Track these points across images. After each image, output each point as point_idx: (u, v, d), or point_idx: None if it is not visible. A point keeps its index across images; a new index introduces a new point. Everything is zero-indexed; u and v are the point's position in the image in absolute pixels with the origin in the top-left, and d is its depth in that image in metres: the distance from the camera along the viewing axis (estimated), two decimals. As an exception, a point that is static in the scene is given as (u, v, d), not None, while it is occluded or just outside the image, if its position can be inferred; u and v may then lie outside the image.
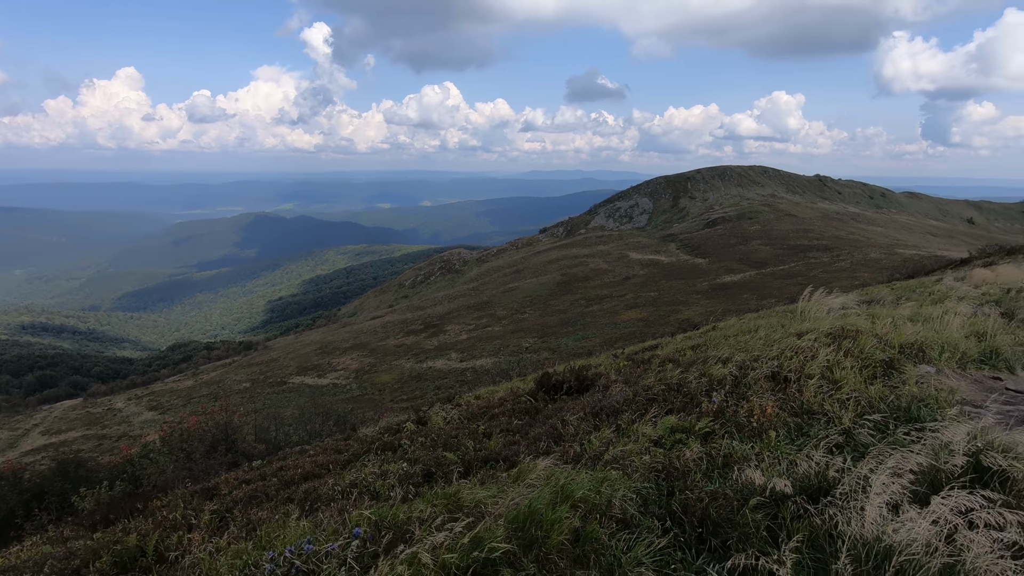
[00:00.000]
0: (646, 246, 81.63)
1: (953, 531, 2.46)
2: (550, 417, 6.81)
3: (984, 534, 2.35)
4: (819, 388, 4.93)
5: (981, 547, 2.30)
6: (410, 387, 40.12)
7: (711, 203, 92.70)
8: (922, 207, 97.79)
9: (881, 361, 5.43)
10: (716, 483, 3.83)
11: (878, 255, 58.15)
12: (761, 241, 72.77)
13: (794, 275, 51.60)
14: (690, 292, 54.48)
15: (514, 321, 54.95)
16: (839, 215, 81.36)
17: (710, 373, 5.85)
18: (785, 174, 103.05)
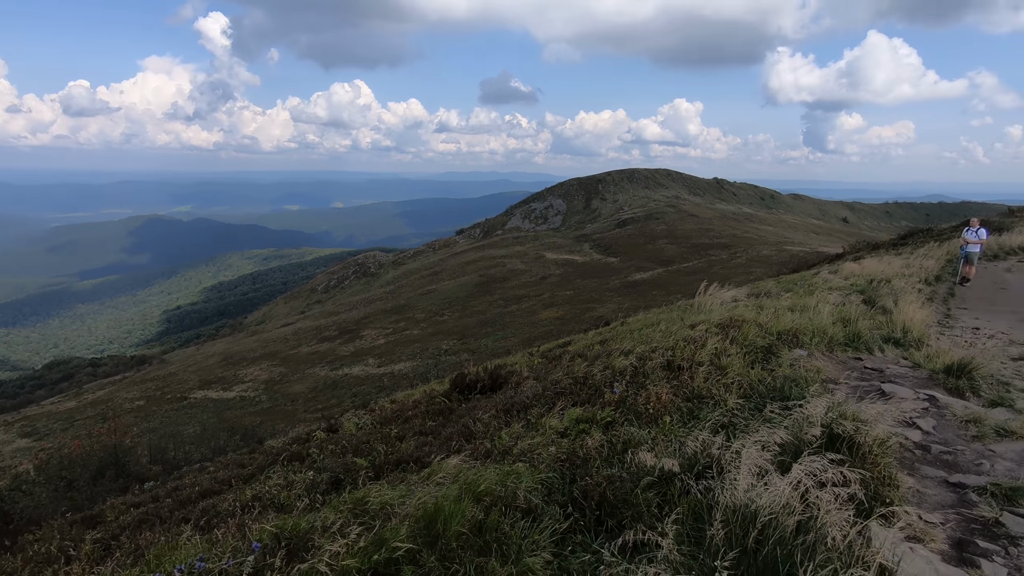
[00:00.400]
0: (561, 246, 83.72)
1: (806, 491, 2.77)
2: (463, 416, 6.86)
3: (830, 491, 2.69)
4: (708, 374, 5.33)
5: (828, 503, 2.63)
6: (325, 396, 38.61)
7: (621, 204, 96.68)
8: (805, 207, 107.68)
9: (762, 347, 5.96)
10: (615, 468, 4.06)
11: (769, 252, 63.02)
12: (667, 240, 76.75)
13: (697, 272, 54.94)
14: (604, 290, 56.51)
15: (433, 324, 54.44)
16: (735, 215, 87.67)
17: (613, 365, 6.15)
18: (687, 177, 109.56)
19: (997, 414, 4.71)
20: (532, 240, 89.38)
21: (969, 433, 4.29)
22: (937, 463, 3.88)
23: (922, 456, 3.98)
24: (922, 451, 4.04)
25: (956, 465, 3.84)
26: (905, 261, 15.65)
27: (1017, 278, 15.59)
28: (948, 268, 15.97)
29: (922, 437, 4.23)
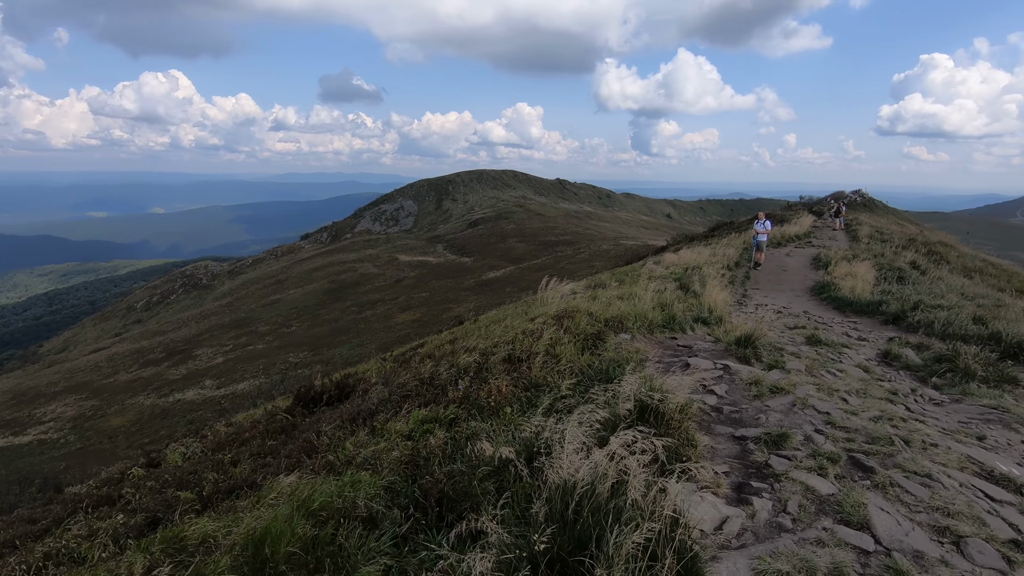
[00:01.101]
0: (414, 248, 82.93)
1: (619, 461, 3.09)
2: (306, 431, 6.50)
3: (637, 458, 3.03)
4: (544, 363, 5.67)
5: (635, 469, 2.95)
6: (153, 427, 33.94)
7: (472, 205, 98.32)
8: (636, 205, 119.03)
9: (591, 334, 6.48)
10: (457, 463, 4.14)
11: (608, 246, 68.32)
12: (517, 239, 79.68)
13: (546, 267, 57.82)
14: (459, 290, 57.04)
15: (280, 336, 50.65)
16: (577, 214, 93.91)
17: (458, 363, 6.26)
18: (532, 178, 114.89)
19: (773, 375, 5.66)
20: (384, 243, 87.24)
21: (751, 393, 5.11)
22: (728, 421, 4.57)
23: (717, 417, 4.65)
24: (716, 412, 4.72)
25: (741, 421, 4.55)
26: (712, 250, 18.02)
27: (795, 261, 18.77)
28: (745, 255, 18.73)
29: (717, 401, 4.94)
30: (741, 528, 3.03)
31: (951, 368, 6.56)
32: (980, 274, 19.38)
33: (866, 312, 11.61)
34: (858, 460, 3.75)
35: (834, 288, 13.17)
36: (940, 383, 6.34)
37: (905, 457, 3.79)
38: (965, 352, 6.77)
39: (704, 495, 3.27)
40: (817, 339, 8.17)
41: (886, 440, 4.07)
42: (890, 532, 2.94)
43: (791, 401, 4.87)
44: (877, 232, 23.66)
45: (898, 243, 20.20)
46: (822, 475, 3.53)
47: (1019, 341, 7.86)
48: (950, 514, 3.16)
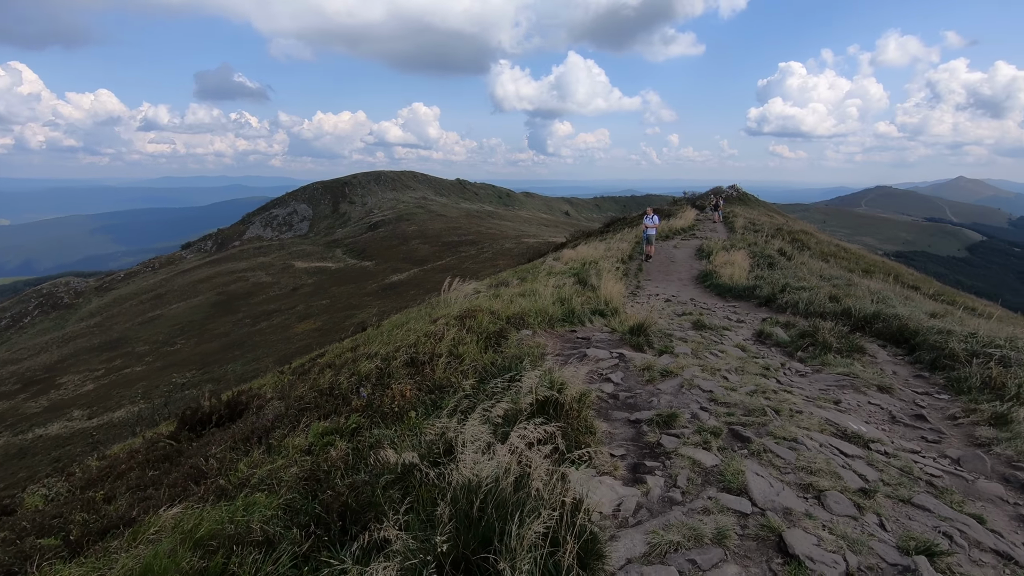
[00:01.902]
0: (311, 254, 79.36)
1: (521, 453, 3.16)
2: (193, 456, 5.99)
3: (537, 449, 3.11)
4: (448, 364, 5.65)
5: (536, 460, 3.03)
6: (8, 470, 29.64)
7: (370, 207, 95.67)
8: (535, 204, 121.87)
9: (494, 332, 6.55)
10: (361, 473, 4.02)
11: (511, 245, 69.29)
12: (420, 240, 78.66)
13: (451, 268, 57.60)
14: (362, 295, 55.27)
15: (162, 356, 46.26)
16: (479, 213, 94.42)
17: (360, 371, 6.07)
18: (432, 178, 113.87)
19: (663, 360, 6.05)
20: (278, 249, 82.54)
21: (644, 378, 5.43)
22: (624, 406, 4.82)
23: (614, 403, 4.89)
24: (613, 399, 4.96)
25: (636, 405, 4.82)
26: (607, 245, 18.88)
27: (681, 253, 20.15)
28: (637, 248, 19.82)
29: (614, 388, 5.20)
30: (637, 506, 3.21)
31: (812, 342, 7.37)
32: (834, 258, 21.95)
33: (743, 296, 12.73)
34: (737, 432, 4.11)
35: (715, 276, 14.30)
36: (804, 356, 7.11)
37: (776, 425, 4.22)
38: (823, 328, 7.64)
39: (603, 479, 3.43)
40: (702, 324, 8.83)
41: (760, 411, 4.50)
42: (764, 494, 3.25)
43: (679, 383, 5.23)
44: (750, 223, 26.02)
45: (768, 233, 22.34)
46: (706, 449, 3.83)
47: (865, 315, 9.00)
48: (812, 472, 3.55)
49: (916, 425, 4.99)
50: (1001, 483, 3.93)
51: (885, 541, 2.94)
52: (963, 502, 3.58)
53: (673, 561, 2.69)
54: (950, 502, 3.52)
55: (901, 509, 3.35)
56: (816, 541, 2.84)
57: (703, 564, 2.67)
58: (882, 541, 2.93)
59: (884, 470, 3.81)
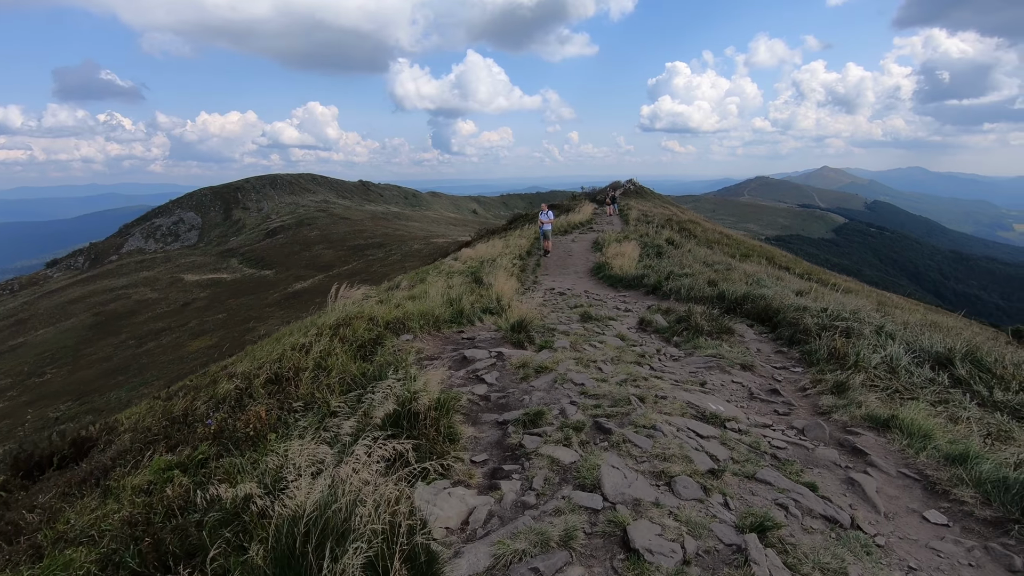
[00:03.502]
0: (203, 265, 73.91)
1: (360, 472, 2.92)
2: (13, 509, 5.16)
3: (375, 467, 2.89)
4: (313, 378, 5.27)
5: (376, 479, 2.81)
6: None
7: (267, 212, 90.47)
8: (442, 204, 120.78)
9: (369, 340, 6.23)
10: (197, 511, 3.59)
11: (420, 246, 68.19)
12: (323, 245, 75.54)
13: (358, 273, 55.60)
14: (263, 306, 52.03)
15: (28, 388, 40.87)
16: (385, 215, 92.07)
17: (217, 393, 5.52)
18: (333, 180, 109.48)
19: (542, 356, 6.03)
20: (164, 262, 75.90)
21: (519, 376, 5.36)
22: (495, 408, 4.71)
23: (485, 405, 4.77)
24: (485, 401, 4.84)
25: (507, 405, 4.73)
26: (506, 242, 18.94)
27: (579, 246, 20.63)
28: (536, 244, 20.06)
29: (487, 389, 5.08)
30: (488, 515, 3.08)
31: (687, 327, 7.71)
32: (718, 244, 23.47)
33: (633, 286, 13.19)
34: (600, 424, 4.12)
35: (607, 268, 14.73)
36: (679, 341, 7.40)
37: (638, 414, 4.27)
38: (696, 312, 8.02)
39: (455, 490, 3.27)
40: (589, 315, 8.98)
41: (625, 401, 4.55)
42: (616, 487, 3.24)
43: (553, 378, 5.21)
44: (643, 215, 27.24)
45: (658, 223, 23.46)
46: (567, 445, 3.79)
47: (736, 297, 9.58)
48: (666, 458, 3.60)
49: (770, 400, 5.30)
50: (836, 448, 4.23)
51: (725, 521, 3.01)
52: (802, 471, 3.80)
53: (516, 572, 2.57)
54: (790, 473, 3.71)
55: (746, 485, 3.48)
56: (659, 531, 2.85)
57: (546, 571, 2.57)
58: (722, 522, 3.00)
59: (735, 448, 3.96)
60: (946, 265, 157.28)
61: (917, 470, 3.80)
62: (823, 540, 3.02)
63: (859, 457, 4.04)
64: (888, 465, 3.90)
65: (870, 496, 3.53)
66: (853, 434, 4.36)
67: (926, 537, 3.19)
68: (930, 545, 3.11)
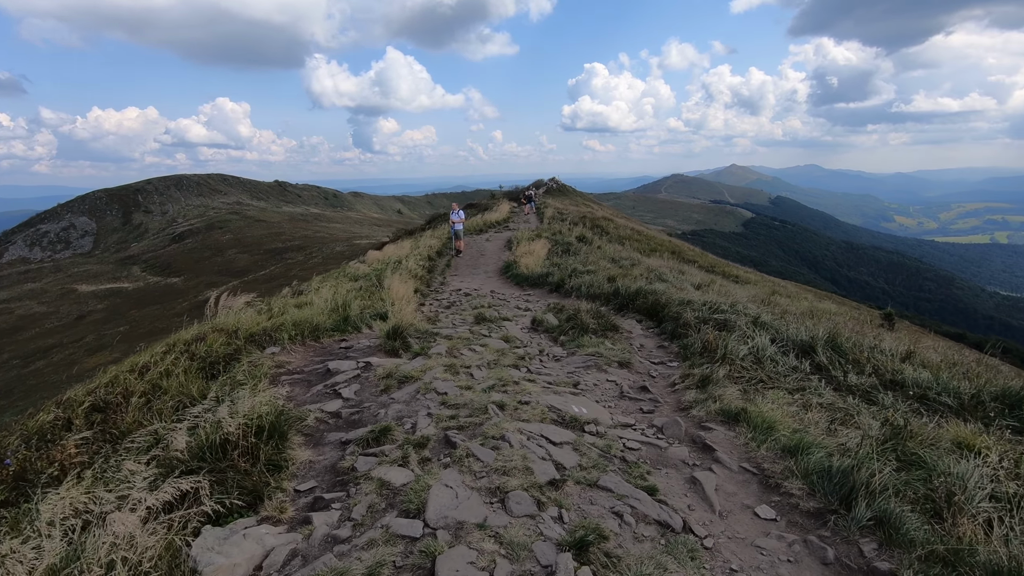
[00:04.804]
0: (100, 274, 68.19)
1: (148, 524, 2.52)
2: None
3: (135, 517, 2.50)
4: (146, 403, 4.71)
5: (138, 533, 2.42)
6: None
7: (173, 216, 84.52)
8: (366, 204, 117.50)
9: (223, 355, 5.70)
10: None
11: (342, 248, 65.94)
12: (237, 249, 71.68)
13: (276, 277, 52.91)
14: (170, 316, 48.35)
15: None
16: (304, 216, 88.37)
17: (29, 427, 4.83)
18: (246, 181, 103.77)
19: (414, 364, 5.74)
20: (53, 272, 69.15)
21: (380, 388, 5.05)
22: (344, 426, 4.38)
23: (334, 423, 4.42)
24: (336, 418, 4.50)
25: (360, 422, 4.41)
26: (415, 243, 18.47)
27: (492, 245, 20.49)
28: (448, 244, 19.73)
29: (341, 404, 4.73)
30: (290, 555, 2.76)
31: (573, 325, 7.67)
32: (629, 240, 24.11)
33: (538, 284, 13.17)
34: (449, 437, 3.89)
35: (516, 267, 14.65)
36: (565, 340, 7.35)
37: (492, 423, 4.08)
38: (583, 310, 8.01)
39: (255, 530, 2.91)
40: (483, 317, 8.78)
41: (482, 410, 4.35)
42: (442, 510, 3.01)
43: (416, 388, 4.93)
44: (558, 213, 27.55)
45: (571, 221, 23.77)
46: (403, 465, 3.53)
47: (630, 293, 9.71)
48: (506, 472, 3.42)
49: (638, 398, 5.30)
50: (689, 445, 4.24)
51: (550, 538, 2.85)
52: (648, 473, 3.74)
53: (300, 622, 2.28)
54: (635, 476, 3.64)
55: (586, 494, 3.36)
56: (473, 557, 2.65)
57: (336, 617, 2.29)
58: (547, 539, 2.84)
59: (586, 454, 3.85)
60: (840, 254, 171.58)
61: (756, 464, 3.85)
62: (651, 548, 2.93)
63: (707, 454, 4.05)
64: (732, 460, 3.92)
65: (708, 495, 3.51)
66: (706, 430, 4.39)
67: (754, 534, 3.19)
68: (756, 543, 3.11)
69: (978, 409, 5.70)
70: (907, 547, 2.86)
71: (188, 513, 2.70)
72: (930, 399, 5.89)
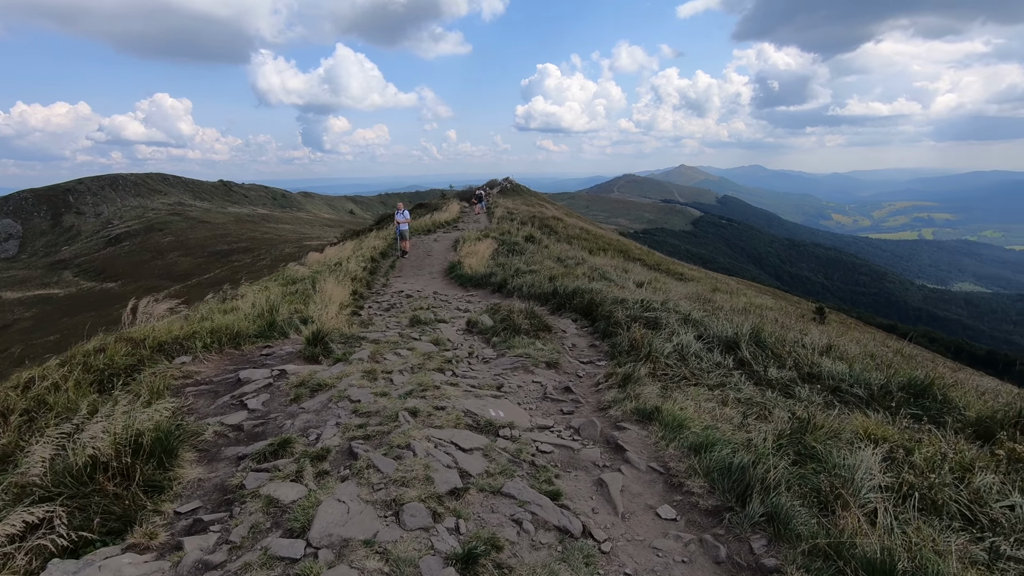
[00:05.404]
0: (28, 280, 64.25)
1: None
2: None
3: None
4: (28, 422, 4.34)
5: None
6: None
7: (108, 217, 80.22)
8: (317, 205, 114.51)
9: (126, 367, 5.34)
10: None
11: (292, 250, 64.04)
12: (180, 252, 68.80)
13: (222, 281, 50.83)
14: (108, 323, 45.75)
15: None
16: (251, 217, 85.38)
17: None
18: (189, 181, 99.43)
19: (332, 370, 5.53)
20: (-29, 279, 64.53)
21: (291, 398, 4.83)
22: (246, 439, 4.15)
23: (235, 437, 4.19)
24: (238, 431, 4.26)
25: (262, 435, 4.19)
26: (359, 243, 18.05)
27: (440, 246, 20.25)
28: (393, 245, 19.37)
29: (246, 416, 4.49)
30: (152, 586, 2.55)
31: (506, 326, 7.60)
32: (578, 240, 24.31)
33: (481, 284, 13.05)
34: (353, 448, 3.73)
35: (460, 267, 14.50)
36: (497, 341, 7.26)
37: (401, 431, 3.94)
38: (516, 311, 7.95)
39: (115, 561, 2.68)
40: (418, 319, 8.61)
41: (393, 417, 4.21)
42: (329, 527, 2.85)
43: (329, 397, 4.74)
44: (508, 213, 27.53)
45: (520, 220, 23.77)
46: (297, 480, 3.35)
47: (567, 293, 9.73)
48: (405, 483, 3.29)
49: (561, 398, 5.26)
50: (603, 446, 4.22)
51: (441, 552, 2.74)
52: (557, 476, 3.69)
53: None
54: (541, 481, 3.57)
55: (488, 502, 3.27)
56: (353, 577, 2.51)
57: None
58: (437, 553, 2.73)
59: (496, 459, 3.76)
60: (783, 251, 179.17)
61: (664, 463, 3.85)
62: (546, 556, 2.87)
63: (619, 454, 4.04)
64: (641, 460, 3.92)
65: (613, 497, 3.48)
66: (620, 429, 4.38)
67: (653, 535, 3.18)
68: (653, 544, 3.10)
69: (886, 399, 5.94)
70: (794, 542, 2.90)
71: (36, 545, 2.45)
72: (843, 390, 6.11)
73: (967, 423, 5.20)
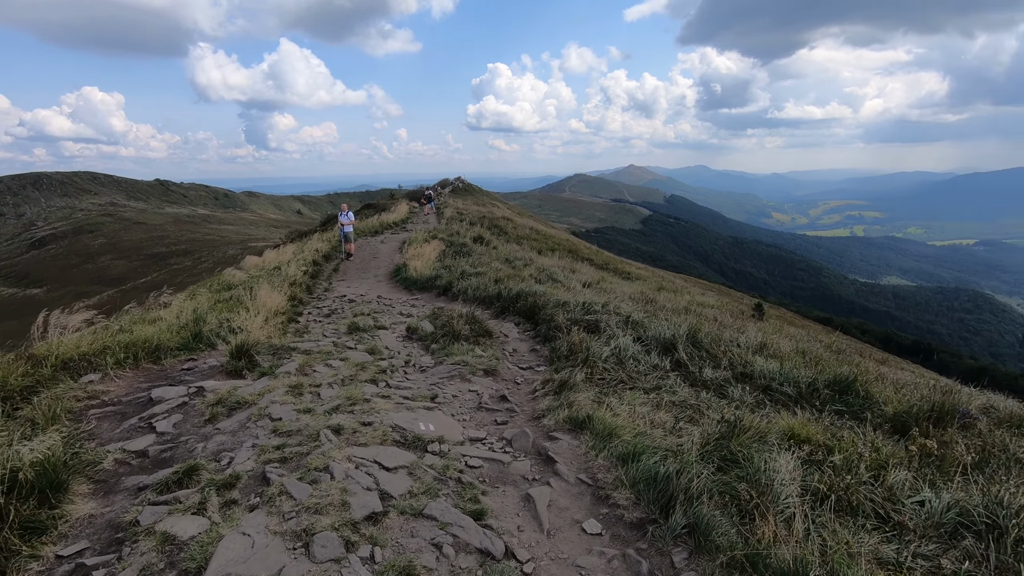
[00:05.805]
0: (-63, 288, 59.26)
1: None
2: None
3: None
4: None
5: None
6: None
7: (31, 218, 75.06)
8: (262, 205, 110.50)
9: (22, 388, 4.89)
10: None
11: (235, 252, 61.52)
12: (112, 255, 65.13)
13: (160, 284, 48.28)
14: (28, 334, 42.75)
15: None
16: (191, 218, 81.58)
17: None
18: (121, 180, 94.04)
19: (256, 386, 5.24)
20: None
21: (206, 417, 4.53)
22: (150, 467, 3.85)
23: (139, 465, 3.88)
24: (141, 459, 3.95)
25: (170, 460, 3.90)
26: (300, 247, 17.44)
27: (387, 247, 19.83)
28: (338, 247, 18.83)
29: (152, 441, 4.18)
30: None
31: (447, 332, 7.44)
32: (527, 240, 24.33)
33: (427, 288, 12.82)
34: (266, 473, 3.50)
35: (405, 270, 14.21)
36: (435, 348, 7.10)
37: (320, 452, 3.74)
38: (456, 315, 7.80)
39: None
40: (357, 326, 8.34)
41: (313, 437, 3.99)
42: (227, 566, 2.64)
43: (249, 415, 4.47)
44: (458, 213, 27.27)
45: (470, 221, 23.58)
46: (199, 512, 3.11)
47: (511, 296, 9.65)
48: (319, 510, 3.11)
49: (496, 408, 5.16)
50: (534, 458, 4.14)
51: (350, 586, 2.58)
52: (484, 493, 3.58)
53: None
54: (466, 499, 3.46)
55: (409, 525, 3.12)
56: (247, 622, 2.32)
57: None
58: (345, 587, 2.57)
59: (421, 477, 3.62)
60: (727, 249, 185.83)
61: (592, 475, 3.81)
62: (465, 582, 2.75)
63: (549, 466, 3.97)
64: (570, 472, 3.86)
65: (540, 513, 3.40)
66: (552, 439, 4.32)
67: (577, 553, 3.12)
68: (577, 562, 3.03)
69: (813, 396, 6.12)
70: (713, 554, 2.90)
71: None
72: (774, 389, 6.26)
73: (885, 418, 5.41)
